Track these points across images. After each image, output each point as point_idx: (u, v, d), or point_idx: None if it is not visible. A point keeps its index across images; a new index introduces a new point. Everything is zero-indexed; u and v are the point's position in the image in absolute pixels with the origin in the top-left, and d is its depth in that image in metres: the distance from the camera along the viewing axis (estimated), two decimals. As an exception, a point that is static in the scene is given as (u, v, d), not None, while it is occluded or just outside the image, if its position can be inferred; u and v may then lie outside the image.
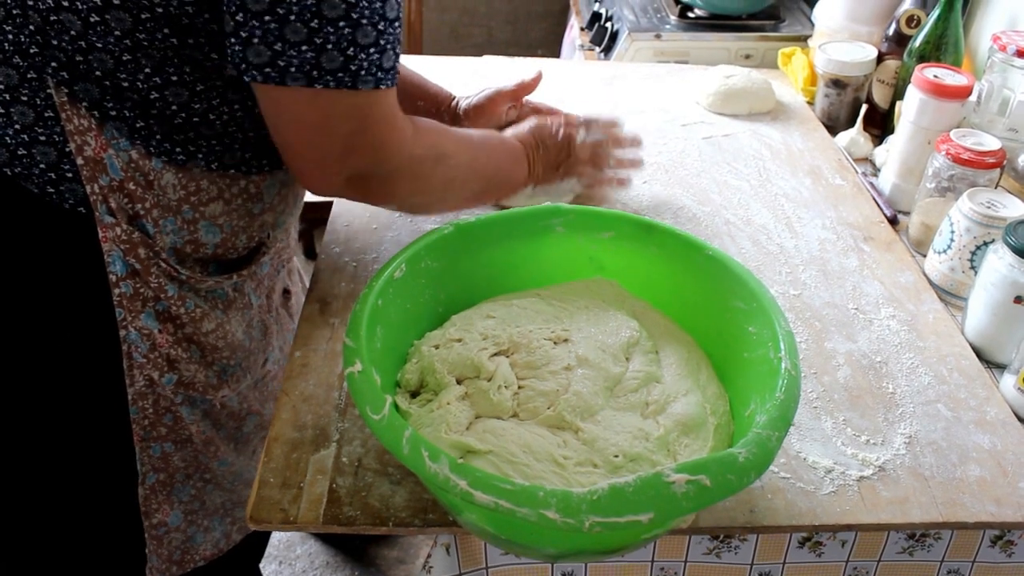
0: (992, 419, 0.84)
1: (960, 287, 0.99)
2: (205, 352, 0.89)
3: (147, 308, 0.82)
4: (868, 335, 0.94)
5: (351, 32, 0.68)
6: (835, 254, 1.07)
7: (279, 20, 0.66)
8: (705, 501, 0.57)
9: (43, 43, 0.70)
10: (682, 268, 0.82)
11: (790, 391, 0.65)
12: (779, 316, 0.72)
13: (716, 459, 0.59)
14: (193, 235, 0.83)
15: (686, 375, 0.76)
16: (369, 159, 0.78)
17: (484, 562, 0.76)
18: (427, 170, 0.85)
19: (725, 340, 0.77)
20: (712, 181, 1.21)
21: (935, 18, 1.22)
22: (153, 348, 0.84)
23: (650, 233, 0.83)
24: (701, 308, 0.81)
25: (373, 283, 0.73)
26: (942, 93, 1.10)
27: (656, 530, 0.64)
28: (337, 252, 1.02)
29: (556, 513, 0.54)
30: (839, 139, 1.34)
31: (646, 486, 0.56)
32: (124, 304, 0.81)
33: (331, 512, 0.71)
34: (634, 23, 1.70)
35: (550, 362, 0.74)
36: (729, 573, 0.79)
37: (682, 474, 0.56)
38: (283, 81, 0.69)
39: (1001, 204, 0.97)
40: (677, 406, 0.72)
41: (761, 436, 0.60)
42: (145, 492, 0.90)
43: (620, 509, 0.55)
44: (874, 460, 0.78)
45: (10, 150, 0.74)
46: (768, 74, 1.51)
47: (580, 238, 0.85)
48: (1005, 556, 0.79)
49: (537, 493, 0.55)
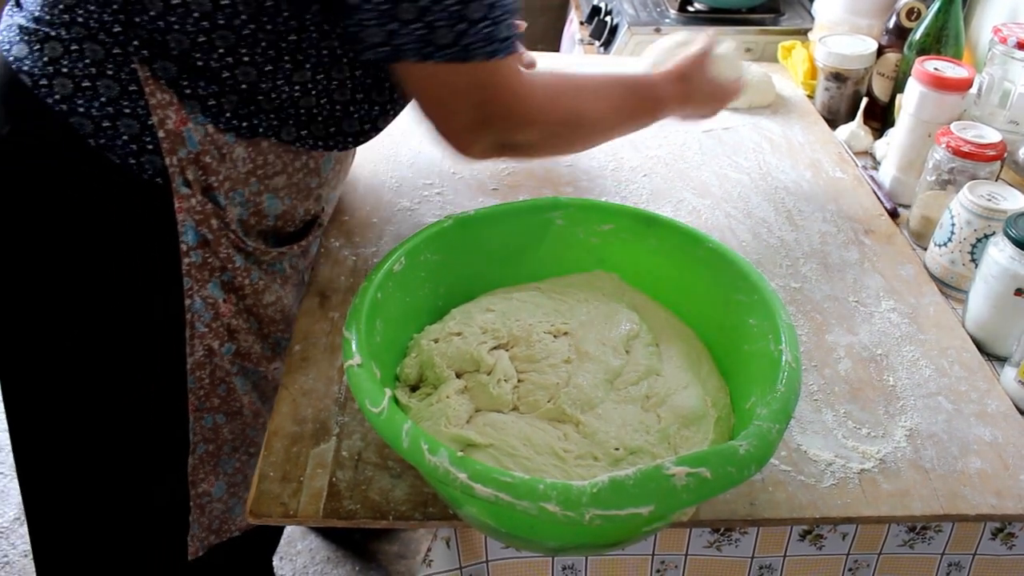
0: (993, 412, 0.84)
1: (961, 280, 0.99)
2: (263, 324, 0.93)
3: (214, 278, 0.85)
4: (869, 328, 0.94)
5: (460, 9, 0.70)
6: (836, 247, 1.07)
7: (392, 2, 0.69)
8: (706, 494, 0.57)
9: (126, 22, 0.74)
10: (683, 261, 0.81)
11: (791, 383, 0.65)
12: (780, 308, 0.72)
13: (717, 452, 0.58)
14: (258, 207, 0.86)
15: (686, 368, 0.76)
16: (505, 128, 0.80)
17: (485, 556, 0.76)
18: (567, 134, 0.88)
19: (726, 333, 0.77)
20: (712, 174, 1.21)
21: (935, 11, 1.21)
22: (216, 317, 0.87)
23: (650, 226, 0.83)
24: (702, 301, 0.81)
25: (372, 276, 0.73)
26: (942, 86, 1.10)
27: (656, 523, 0.64)
28: (337, 246, 1.02)
29: (556, 506, 0.54)
30: (839, 132, 1.33)
31: (646, 479, 0.56)
32: (192, 273, 0.83)
33: (331, 506, 0.71)
34: (634, 17, 1.70)
35: (550, 355, 0.74)
36: (730, 566, 0.79)
37: (682, 467, 0.56)
38: (398, 57, 0.72)
39: (1002, 197, 0.97)
40: (677, 399, 0.72)
41: (762, 428, 0.60)
42: (194, 462, 0.93)
43: (620, 502, 0.55)
44: (875, 453, 0.78)
45: (95, 122, 0.76)
46: (768, 68, 1.50)
47: (580, 231, 0.85)
48: (1006, 549, 0.79)
49: (537, 486, 0.55)
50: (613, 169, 1.21)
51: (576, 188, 1.16)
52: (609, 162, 1.22)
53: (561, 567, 0.78)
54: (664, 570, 0.78)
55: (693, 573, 0.79)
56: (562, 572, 0.78)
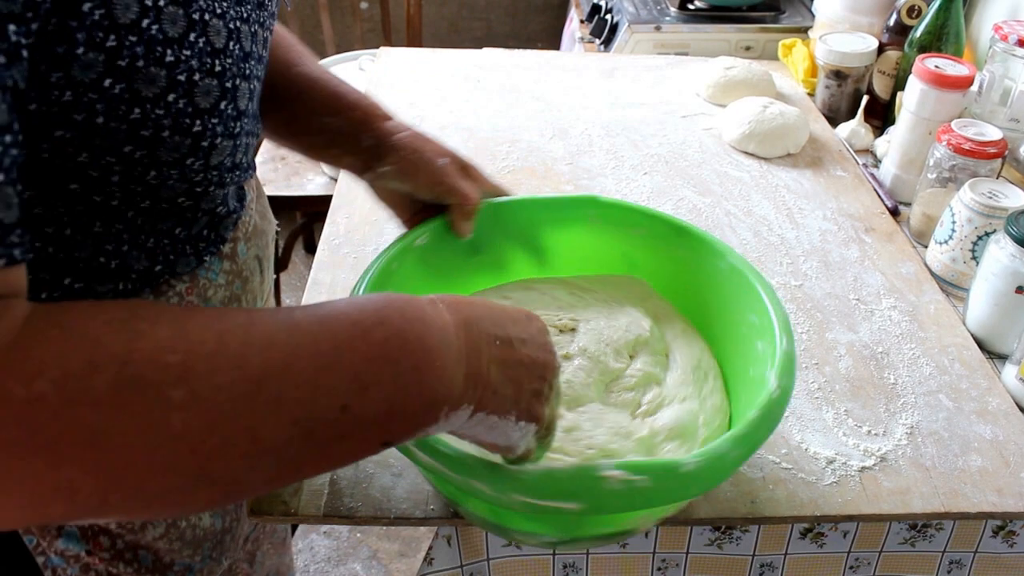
0: (994, 409, 0.84)
1: (961, 278, 0.99)
2: (160, 555, 0.69)
3: (65, 527, 0.64)
4: (869, 326, 0.94)
5: None
6: (836, 245, 1.07)
7: None
8: (639, 504, 0.55)
9: None
10: (706, 275, 0.78)
11: (767, 411, 0.60)
12: (783, 334, 0.67)
13: (660, 464, 0.57)
14: None
15: (690, 382, 0.74)
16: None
17: (486, 554, 0.76)
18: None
19: (737, 354, 0.74)
20: (713, 172, 1.21)
21: (936, 8, 1.21)
22: (86, 570, 0.66)
23: (680, 235, 0.80)
24: (719, 319, 0.78)
25: (391, 247, 0.72)
26: (943, 83, 1.10)
27: (640, 515, 0.63)
28: (337, 244, 1.02)
29: (484, 484, 0.54)
30: (840, 130, 1.33)
31: (578, 476, 0.54)
32: (33, 530, 0.63)
33: (332, 504, 0.71)
34: (634, 15, 1.69)
35: None
36: (731, 564, 0.79)
37: (620, 471, 0.54)
38: None
39: (1002, 194, 0.97)
40: (669, 411, 0.71)
41: (718, 450, 0.57)
42: None
43: (547, 493, 0.54)
44: (876, 450, 0.78)
45: None
46: (769, 65, 1.50)
47: (613, 232, 0.82)
48: (1007, 546, 0.79)
49: (468, 461, 0.55)
50: (614, 167, 1.21)
51: (576, 186, 1.15)
52: (609, 160, 1.22)
53: (562, 565, 0.78)
54: (665, 568, 0.78)
55: (694, 571, 0.79)
56: (563, 570, 0.78)
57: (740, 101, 1.31)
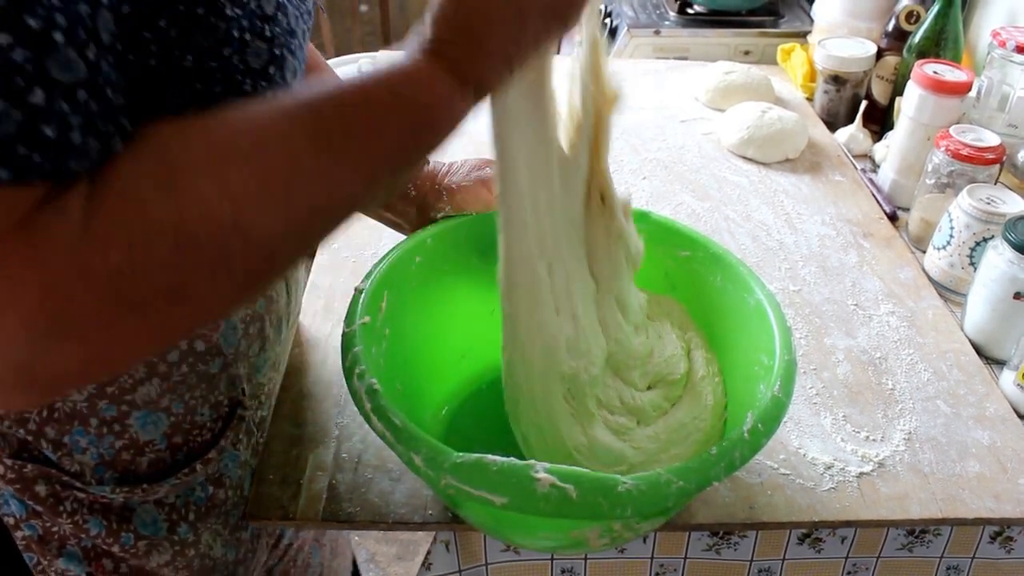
0: (991, 415, 0.84)
1: (960, 283, 0.99)
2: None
3: (66, 547, 0.65)
4: (867, 331, 0.94)
5: None
6: (835, 250, 1.07)
7: None
8: (566, 512, 0.53)
9: None
10: (734, 309, 0.75)
11: (723, 452, 0.57)
12: (779, 380, 0.63)
13: (595, 477, 0.54)
14: (123, 436, 0.63)
15: (675, 440, 0.72)
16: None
17: (484, 559, 0.76)
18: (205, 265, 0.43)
19: (748, 397, 0.69)
20: (711, 177, 1.21)
21: (934, 14, 1.21)
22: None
23: (718, 263, 0.77)
24: (734, 354, 0.75)
25: (401, 244, 0.74)
26: (942, 89, 1.10)
27: (620, 521, 0.61)
28: (336, 247, 1.02)
29: (421, 461, 0.54)
30: (838, 135, 1.34)
31: (509, 472, 0.54)
32: (33, 548, 0.65)
33: (330, 509, 0.70)
34: (633, 19, 1.70)
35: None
36: (729, 570, 0.79)
37: (551, 476, 0.53)
38: None
39: (1001, 200, 0.97)
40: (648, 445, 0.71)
41: (660, 477, 0.54)
42: None
43: (477, 482, 0.53)
44: (873, 456, 0.78)
45: None
46: (768, 70, 1.51)
47: (658, 250, 0.79)
48: (1004, 552, 0.79)
49: (413, 435, 0.55)
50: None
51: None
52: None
53: (560, 569, 0.78)
54: (663, 573, 0.78)
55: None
56: (561, 575, 0.78)
57: (739, 106, 1.32)
